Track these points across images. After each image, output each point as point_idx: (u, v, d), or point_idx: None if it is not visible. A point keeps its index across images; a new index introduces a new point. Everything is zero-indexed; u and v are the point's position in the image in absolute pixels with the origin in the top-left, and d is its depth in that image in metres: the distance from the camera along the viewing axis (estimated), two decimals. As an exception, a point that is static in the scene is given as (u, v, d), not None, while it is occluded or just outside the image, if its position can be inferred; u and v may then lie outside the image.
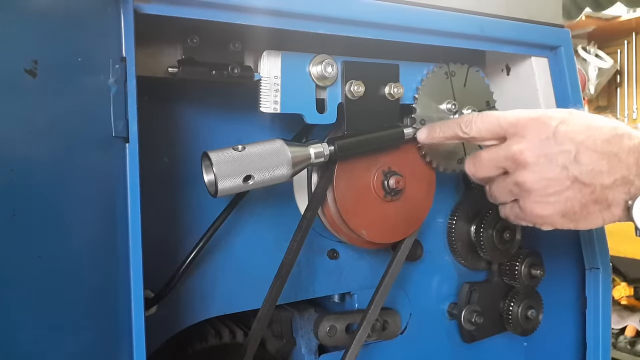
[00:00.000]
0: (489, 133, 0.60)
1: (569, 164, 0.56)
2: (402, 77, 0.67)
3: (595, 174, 0.55)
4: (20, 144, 0.42)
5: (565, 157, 0.56)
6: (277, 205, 0.70)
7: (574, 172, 0.56)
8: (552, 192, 0.57)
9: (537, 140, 0.57)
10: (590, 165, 0.55)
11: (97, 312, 0.46)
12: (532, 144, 0.57)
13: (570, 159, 0.56)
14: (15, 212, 0.40)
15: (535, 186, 0.58)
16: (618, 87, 3.06)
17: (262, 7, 0.54)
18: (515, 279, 0.83)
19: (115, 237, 0.46)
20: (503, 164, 0.60)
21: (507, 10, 0.71)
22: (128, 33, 0.47)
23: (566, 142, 0.56)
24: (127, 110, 0.46)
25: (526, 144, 0.57)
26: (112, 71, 0.46)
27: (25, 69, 0.41)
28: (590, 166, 0.55)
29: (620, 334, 2.46)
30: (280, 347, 0.78)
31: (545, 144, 0.56)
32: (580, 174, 0.56)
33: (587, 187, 0.56)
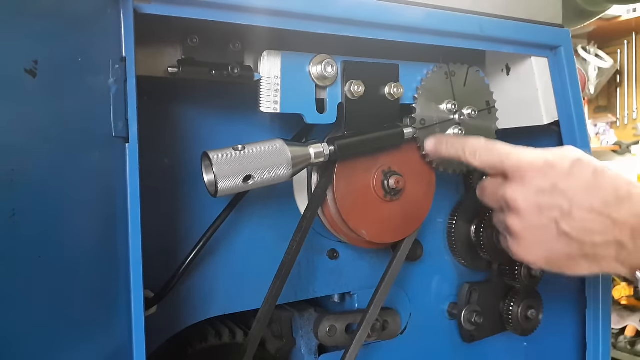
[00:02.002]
0: (491, 168, 0.61)
1: (560, 219, 0.56)
2: (402, 77, 0.67)
3: (586, 233, 0.55)
4: (20, 144, 0.42)
5: (557, 211, 0.56)
6: (277, 205, 0.70)
7: (564, 227, 0.55)
8: (537, 240, 0.58)
9: (533, 190, 0.57)
10: (582, 223, 0.55)
11: (97, 312, 0.46)
12: (527, 193, 0.57)
13: (562, 215, 0.55)
14: (15, 212, 0.40)
15: (521, 233, 0.58)
16: (618, 87, 3.06)
17: (262, 7, 0.54)
18: (515, 279, 0.83)
19: (115, 237, 0.46)
20: (500, 203, 0.61)
21: (507, 10, 0.71)
22: (128, 33, 0.47)
23: (562, 198, 0.55)
24: (127, 110, 0.46)
25: (521, 191, 0.57)
26: (112, 71, 0.46)
27: (25, 69, 0.41)
28: (582, 224, 0.55)
29: (620, 334, 2.46)
30: (280, 347, 0.78)
31: (541, 195, 0.56)
32: (570, 230, 0.55)
33: (576, 242, 0.56)
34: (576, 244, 0.56)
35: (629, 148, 3.38)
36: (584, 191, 0.55)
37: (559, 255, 0.57)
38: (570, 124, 0.75)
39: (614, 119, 3.41)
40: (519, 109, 0.77)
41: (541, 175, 0.56)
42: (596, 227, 0.54)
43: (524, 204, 0.57)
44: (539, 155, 0.58)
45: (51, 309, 0.43)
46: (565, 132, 0.75)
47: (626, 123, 3.35)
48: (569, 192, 0.55)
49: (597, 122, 3.50)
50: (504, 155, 0.59)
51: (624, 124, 3.37)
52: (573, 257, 0.57)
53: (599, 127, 3.52)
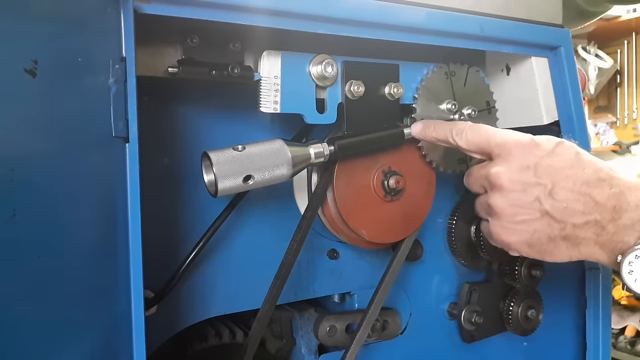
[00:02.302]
0: (477, 148, 0.61)
1: (542, 197, 0.55)
2: (402, 77, 0.67)
3: (567, 212, 0.55)
4: (20, 144, 0.42)
5: (540, 190, 0.56)
6: (277, 205, 0.70)
7: (546, 206, 0.55)
8: (519, 220, 0.57)
9: (517, 167, 0.57)
10: (565, 203, 0.55)
11: (97, 312, 0.46)
12: (511, 170, 0.57)
13: (545, 193, 0.55)
14: (15, 212, 0.40)
15: (504, 212, 0.58)
16: (618, 87, 3.06)
17: (262, 7, 0.54)
18: (515, 279, 0.83)
19: (115, 237, 0.46)
20: (484, 183, 0.61)
21: (507, 10, 0.71)
22: (128, 33, 0.47)
23: (545, 176, 0.55)
24: (127, 110, 0.46)
25: (505, 168, 0.57)
26: (112, 71, 0.46)
27: (25, 69, 0.41)
28: (564, 204, 0.55)
29: (620, 334, 2.46)
30: (280, 347, 0.78)
31: (524, 173, 0.56)
32: (552, 209, 0.55)
33: (557, 222, 0.56)
34: (557, 224, 0.55)
35: (629, 148, 3.38)
36: (566, 171, 0.55)
37: (540, 236, 0.57)
38: (570, 124, 0.75)
39: (614, 119, 3.41)
40: (519, 109, 0.77)
41: (526, 152, 0.57)
42: (578, 207, 0.54)
43: (508, 180, 0.57)
44: (525, 135, 0.58)
45: (51, 309, 0.43)
46: (565, 132, 0.75)
47: (626, 123, 3.35)
48: (553, 171, 0.55)
49: (597, 122, 3.50)
50: (490, 135, 0.59)
51: (624, 124, 3.37)
52: (554, 239, 0.56)
53: (599, 127, 3.52)
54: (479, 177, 0.61)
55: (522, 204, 0.57)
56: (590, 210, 0.54)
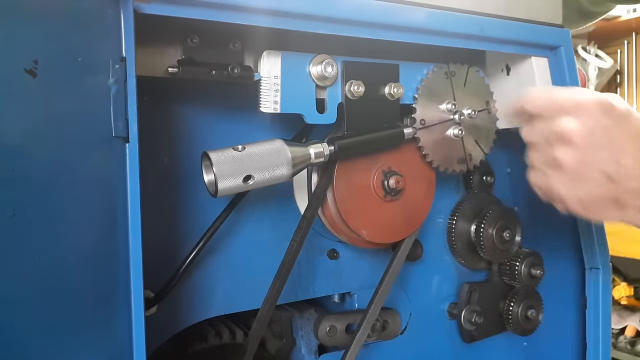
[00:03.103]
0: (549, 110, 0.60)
1: (609, 160, 0.56)
2: (402, 77, 0.67)
3: (626, 177, 0.56)
4: (21, 144, 0.42)
5: (609, 152, 0.56)
6: (277, 205, 0.70)
7: (611, 168, 0.56)
8: (583, 177, 0.58)
9: (593, 125, 0.57)
10: (626, 169, 0.56)
11: (97, 312, 0.46)
12: (586, 127, 0.57)
13: (613, 157, 0.56)
14: (15, 212, 0.40)
15: (570, 166, 0.58)
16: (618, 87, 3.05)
17: (262, 7, 0.54)
18: (515, 279, 0.83)
19: (115, 237, 0.46)
20: (550, 136, 0.60)
21: (507, 10, 0.71)
22: (128, 33, 0.47)
23: (617, 140, 0.56)
24: (127, 110, 0.46)
25: (580, 124, 0.57)
26: (112, 71, 0.46)
27: (25, 69, 0.41)
28: (625, 170, 0.56)
29: (620, 334, 2.45)
30: (280, 347, 0.78)
31: (598, 132, 0.57)
32: (615, 173, 0.56)
33: (613, 185, 0.57)
34: (613, 186, 0.57)
35: (629, 148, 3.36)
36: (632, 140, 0.56)
37: (596, 196, 0.58)
38: (570, 124, 0.74)
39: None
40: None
41: (602, 114, 0.57)
42: (635, 172, 0.56)
43: (581, 138, 0.57)
44: (599, 95, 0.58)
45: (51, 309, 0.43)
46: (565, 132, 0.75)
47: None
48: (623, 138, 0.57)
49: (597, 122, 3.48)
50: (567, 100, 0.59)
51: (624, 124, 3.36)
52: (606, 201, 0.58)
53: (599, 127, 3.50)
54: (545, 129, 0.61)
55: (591, 163, 0.57)
56: None
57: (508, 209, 0.83)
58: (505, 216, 0.81)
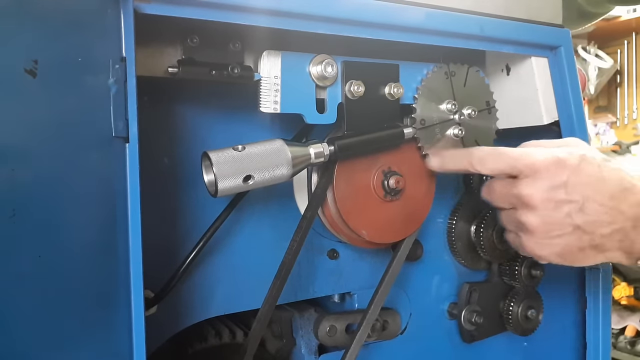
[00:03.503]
0: (502, 172, 0.63)
1: (574, 213, 0.58)
2: (402, 77, 0.67)
3: (597, 225, 0.58)
4: (20, 144, 0.42)
5: (572, 206, 0.58)
6: (277, 205, 0.70)
7: (578, 221, 0.58)
8: (553, 235, 0.60)
9: (548, 186, 0.59)
10: (595, 216, 0.58)
11: (97, 312, 0.46)
12: (542, 189, 0.59)
13: (576, 209, 0.58)
14: (15, 212, 0.40)
15: (538, 229, 0.60)
16: (618, 87, 3.06)
17: (262, 7, 0.54)
18: (515, 279, 0.83)
19: (115, 237, 0.46)
20: (512, 201, 0.62)
21: (507, 10, 0.71)
22: (128, 33, 0.47)
23: (575, 193, 0.58)
24: (127, 110, 0.46)
25: (536, 188, 0.59)
26: (112, 71, 0.46)
27: (25, 69, 0.41)
28: (594, 217, 0.58)
29: (620, 334, 2.46)
30: (280, 347, 0.78)
31: (555, 191, 0.59)
32: (584, 224, 0.58)
33: (587, 234, 0.59)
34: (587, 236, 0.59)
35: (629, 148, 3.37)
36: (594, 184, 0.58)
37: (572, 248, 0.60)
38: (570, 124, 0.75)
39: (614, 119, 3.41)
40: (519, 109, 0.77)
41: (554, 172, 0.59)
42: (605, 218, 0.58)
43: (540, 199, 0.59)
44: (549, 153, 0.60)
45: (51, 309, 0.43)
46: (565, 132, 0.75)
47: (626, 123, 3.35)
48: (581, 188, 0.58)
49: (597, 122, 3.50)
50: (514, 158, 0.61)
51: (624, 124, 3.37)
52: (583, 249, 0.60)
53: (599, 127, 3.52)
54: (505, 194, 0.63)
55: (555, 221, 0.59)
56: (615, 220, 0.58)
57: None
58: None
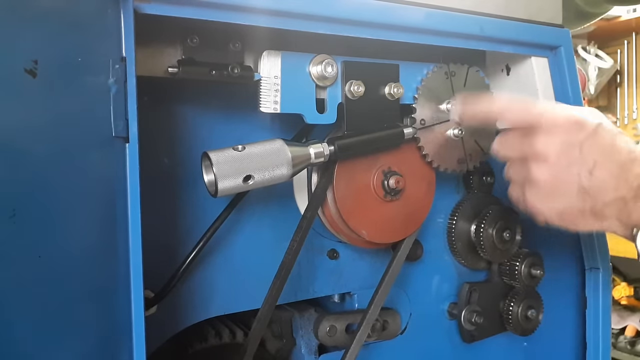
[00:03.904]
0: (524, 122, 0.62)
1: (583, 174, 0.58)
2: (402, 77, 0.67)
3: (601, 190, 0.58)
4: (20, 144, 0.42)
5: (583, 167, 0.58)
6: (277, 205, 0.70)
7: (585, 183, 0.58)
8: (559, 192, 0.60)
9: (565, 142, 0.59)
10: (601, 182, 0.58)
11: (97, 312, 0.46)
12: (559, 144, 0.59)
13: (586, 170, 0.58)
14: (15, 212, 0.40)
15: (546, 183, 0.60)
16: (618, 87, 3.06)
17: (262, 7, 0.54)
18: (515, 279, 0.83)
19: (115, 237, 0.46)
20: (526, 151, 0.62)
21: (507, 10, 0.71)
22: (128, 33, 0.47)
23: (589, 154, 0.58)
24: (127, 110, 0.46)
25: (553, 142, 0.59)
26: (112, 71, 0.46)
27: (25, 69, 0.41)
28: (600, 183, 0.58)
29: (620, 334, 2.45)
30: (280, 347, 0.78)
31: (570, 149, 0.59)
32: (590, 187, 0.58)
33: (590, 199, 0.59)
34: (591, 200, 0.59)
35: (629, 148, 3.36)
36: (606, 153, 0.58)
37: (573, 210, 0.60)
38: (570, 124, 0.74)
39: (614, 119, 3.40)
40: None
41: (573, 130, 0.59)
42: (610, 185, 0.58)
43: (555, 154, 0.59)
44: (570, 112, 0.60)
45: (51, 309, 0.43)
46: (565, 132, 0.75)
47: (626, 123, 3.35)
48: (595, 151, 0.58)
49: (597, 122, 3.48)
50: (539, 113, 0.61)
51: (624, 124, 3.37)
52: (584, 213, 0.60)
53: (599, 127, 3.50)
54: (519, 144, 0.63)
55: (564, 178, 0.59)
56: (619, 188, 0.58)
57: (508, 209, 0.83)
58: (505, 216, 0.81)
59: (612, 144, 0.59)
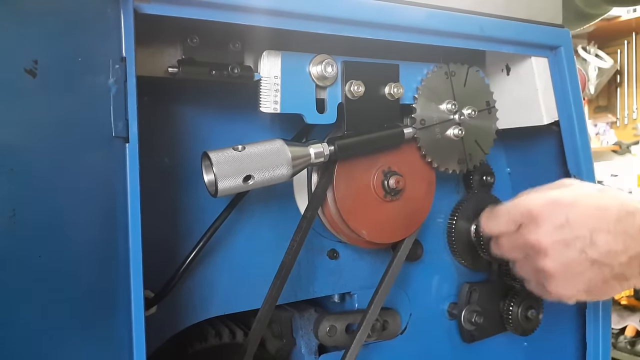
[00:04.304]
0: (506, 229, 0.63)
1: (586, 248, 0.58)
2: (402, 77, 0.67)
3: (612, 254, 0.57)
4: (20, 144, 0.42)
5: (581, 242, 0.58)
6: (277, 205, 0.70)
7: (592, 254, 0.58)
8: (574, 274, 0.59)
9: (551, 228, 0.59)
10: (607, 246, 0.57)
11: (97, 312, 0.46)
12: (547, 232, 0.59)
13: (586, 243, 0.58)
14: (15, 212, 0.40)
15: (557, 271, 0.60)
16: (618, 87, 3.06)
17: (262, 7, 0.54)
18: (515, 279, 0.83)
19: (115, 236, 0.46)
20: (523, 250, 0.63)
21: (507, 10, 0.70)
22: (128, 33, 0.47)
23: (579, 227, 0.58)
24: (127, 110, 0.47)
25: (541, 233, 0.59)
26: (112, 71, 0.46)
27: (25, 69, 0.41)
28: (606, 247, 0.57)
29: (620, 334, 2.46)
30: (280, 347, 0.78)
31: (560, 231, 0.58)
32: (599, 256, 0.58)
33: (606, 266, 0.58)
34: (607, 267, 0.58)
35: (629, 148, 3.38)
36: (595, 214, 0.58)
37: (596, 282, 0.59)
38: (570, 124, 0.75)
39: (614, 119, 3.41)
40: (519, 109, 0.77)
41: (552, 213, 0.59)
42: (619, 246, 0.57)
43: (550, 243, 0.59)
44: (542, 196, 0.61)
45: (51, 309, 0.43)
46: (565, 132, 0.75)
47: (626, 123, 3.35)
48: (584, 221, 0.58)
49: (597, 122, 3.50)
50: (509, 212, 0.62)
51: (624, 124, 3.37)
52: (607, 281, 0.59)
53: (599, 127, 3.52)
54: (514, 247, 0.64)
55: (572, 260, 0.59)
56: (629, 246, 0.57)
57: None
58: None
59: (598, 205, 0.58)
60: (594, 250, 0.57)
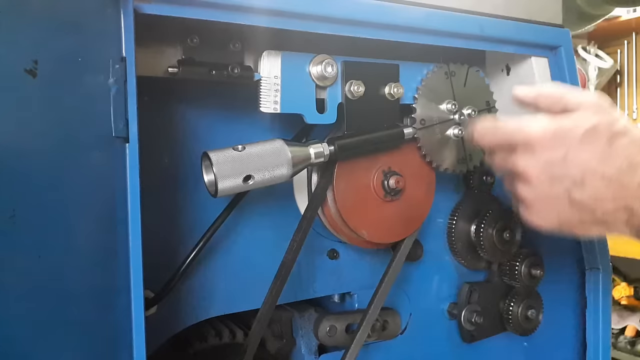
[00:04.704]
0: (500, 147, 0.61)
1: (572, 188, 0.55)
2: (402, 77, 0.67)
3: (598, 200, 0.55)
4: (20, 144, 0.42)
5: (569, 182, 0.55)
6: (277, 205, 0.70)
7: (577, 196, 0.55)
8: (549, 209, 0.58)
9: (544, 161, 0.56)
10: (594, 191, 0.54)
11: (97, 312, 0.46)
12: (537, 164, 0.57)
13: (574, 184, 0.55)
14: (15, 212, 0.40)
15: (533, 202, 0.59)
16: (618, 87, 3.06)
17: (262, 7, 0.54)
18: (515, 279, 0.83)
19: (115, 237, 0.46)
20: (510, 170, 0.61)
21: (507, 10, 0.71)
22: (128, 33, 0.47)
23: (574, 168, 0.55)
24: (127, 110, 0.47)
25: (531, 163, 0.57)
26: (112, 71, 0.46)
27: (25, 69, 0.41)
28: (594, 192, 0.54)
29: (620, 334, 2.45)
30: (280, 347, 0.78)
31: (552, 167, 0.56)
32: (583, 198, 0.55)
33: (588, 210, 0.56)
34: (588, 211, 0.55)
35: (629, 148, 3.36)
36: (596, 160, 0.54)
37: (571, 221, 0.57)
38: (570, 124, 0.74)
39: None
40: (519, 109, 0.77)
41: (551, 146, 0.56)
42: (608, 194, 0.54)
43: (535, 174, 0.57)
44: (549, 125, 0.57)
45: (51, 309, 0.43)
46: (565, 132, 0.75)
47: (626, 123, 3.34)
48: (581, 162, 0.55)
49: (597, 122, 3.48)
50: (509, 133, 0.59)
51: (624, 124, 3.36)
52: (584, 223, 0.57)
53: (599, 127, 3.50)
54: (503, 162, 0.62)
55: (551, 196, 0.57)
56: (620, 196, 0.54)
57: (508, 209, 0.83)
58: (505, 216, 0.81)
59: (604, 149, 0.54)
60: (580, 192, 0.55)
